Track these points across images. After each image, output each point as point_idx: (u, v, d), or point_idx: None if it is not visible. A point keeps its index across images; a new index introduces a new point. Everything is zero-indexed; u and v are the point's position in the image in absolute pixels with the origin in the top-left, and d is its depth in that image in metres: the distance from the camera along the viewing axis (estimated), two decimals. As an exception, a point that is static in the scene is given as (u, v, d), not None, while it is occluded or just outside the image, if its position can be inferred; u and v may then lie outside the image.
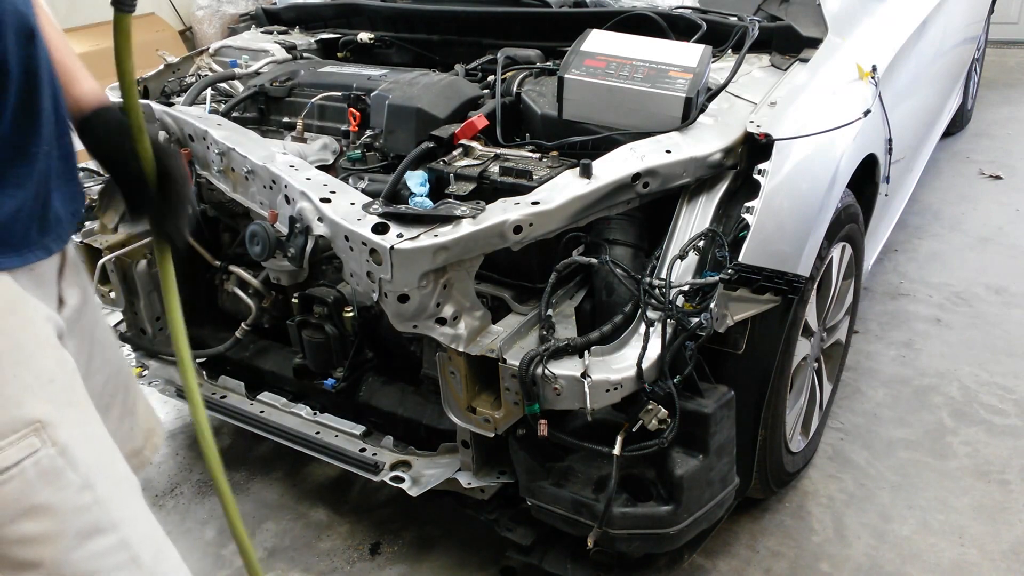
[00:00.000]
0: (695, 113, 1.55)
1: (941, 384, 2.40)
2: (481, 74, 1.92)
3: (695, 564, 1.81)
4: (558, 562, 1.62)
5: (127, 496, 0.86)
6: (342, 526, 2.00)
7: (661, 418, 1.36)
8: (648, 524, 1.43)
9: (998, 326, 2.68)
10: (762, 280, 1.42)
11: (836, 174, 1.64)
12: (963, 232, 3.32)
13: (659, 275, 1.42)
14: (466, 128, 1.60)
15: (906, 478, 2.05)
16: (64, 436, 0.80)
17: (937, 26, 2.62)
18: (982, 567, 1.79)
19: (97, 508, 0.81)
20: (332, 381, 1.78)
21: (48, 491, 0.77)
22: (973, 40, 3.77)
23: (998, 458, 2.10)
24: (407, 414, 1.76)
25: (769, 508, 1.97)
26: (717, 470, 1.46)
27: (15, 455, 0.76)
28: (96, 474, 0.82)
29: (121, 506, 0.85)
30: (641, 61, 1.58)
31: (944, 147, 4.05)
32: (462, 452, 1.60)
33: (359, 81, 1.90)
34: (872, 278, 2.95)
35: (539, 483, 1.49)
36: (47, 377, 0.80)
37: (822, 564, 1.82)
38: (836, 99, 1.76)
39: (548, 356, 1.36)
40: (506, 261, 1.53)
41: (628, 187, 1.42)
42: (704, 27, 1.83)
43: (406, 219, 1.34)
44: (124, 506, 0.85)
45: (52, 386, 0.81)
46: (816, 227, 1.58)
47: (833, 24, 1.86)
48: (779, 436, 1.76)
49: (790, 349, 1.66)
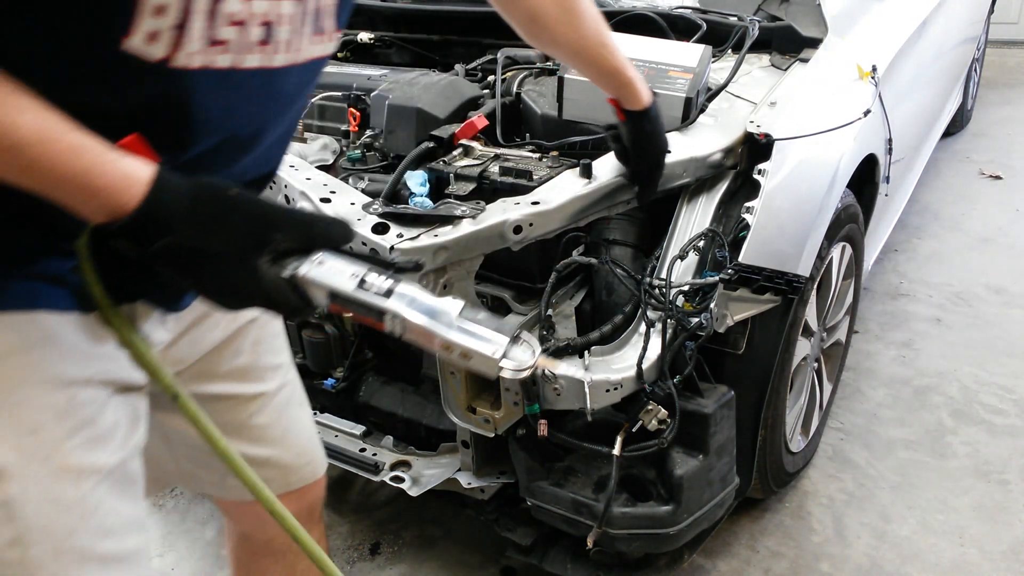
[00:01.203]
0: (695, 113, 1.55)
1: (941, 384, 2.40)
2: (481, 74, 1.92)
3: (695, 564, 1.81)
4: (558, 562, 1.61)
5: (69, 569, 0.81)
6: (342, 526, 2.00)
7: (661, 418, 1.36)
8: (648, 524, 1.43)
9: (998, 326, 2.68)
10: (762, 280, 1.42)
11: (836, 174, 1.64)
12: (963, 232, 3.32)
13: (659, 275, 1.42)
14: (466, 128, 1.60)
15: (906, 478, 2.05)
16: (15, 490, 0.77)
17: (937, 26, 2.62)
18: (982, 567, 1.79)
19: (19, 568, 0.78)
20: (332, 381, 1.78)
21: None
22: (973, 40, 3.77)
23: (998, 458, 2.10)
24: (407, 414, 1.76)
25: (769, 508, 1.97)
26: (717, 470, 1.46)
27: None
28: (35, 536, 0.78)
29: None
30: (641, 61, 1.58)
31: (944, 147, 4.05)
32: (462, 452, 1.60)
33: (359, 81, 1.90)
34: (872, 278, 2.95)
35: (539, 483, 1.49)
36: (28, 428, 0.77)
37: (822, 564, 1.82)
38: (836, 99, 1.76)
39: (548, 356, 1.35)
40: (506, 261, 1.52)
41: (628, 187, 1.42)
42: (704, 27, 1.83)
43: (406, 219, 1.34)
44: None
45: (30, 439, 0.77)
46: (816, 227, 1.58)
47: (833, 24, 1.86)
48: (779, 436, 1.76)
49: (790, 349, 1.66)
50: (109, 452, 0.84)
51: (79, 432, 0.81)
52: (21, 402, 0.77)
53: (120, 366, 0.86)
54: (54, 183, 0.66)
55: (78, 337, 0.81)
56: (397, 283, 0.76)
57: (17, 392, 0.77)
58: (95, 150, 0.67)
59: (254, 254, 0.72)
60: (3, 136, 0.63)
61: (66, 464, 0.80)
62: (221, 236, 0.71)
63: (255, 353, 1.08)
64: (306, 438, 1.19)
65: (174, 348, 0.96)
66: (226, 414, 1.06)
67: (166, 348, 0.94)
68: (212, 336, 1.02)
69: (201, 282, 0.74)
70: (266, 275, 0.73)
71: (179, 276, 0.74)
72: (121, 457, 0.87)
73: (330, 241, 0.77)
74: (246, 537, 1.27)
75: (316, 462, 1.21)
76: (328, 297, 0.75)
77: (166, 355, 0.94)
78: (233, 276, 0.73)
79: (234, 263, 0.72)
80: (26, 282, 0.77)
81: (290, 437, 1.15)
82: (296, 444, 1.16)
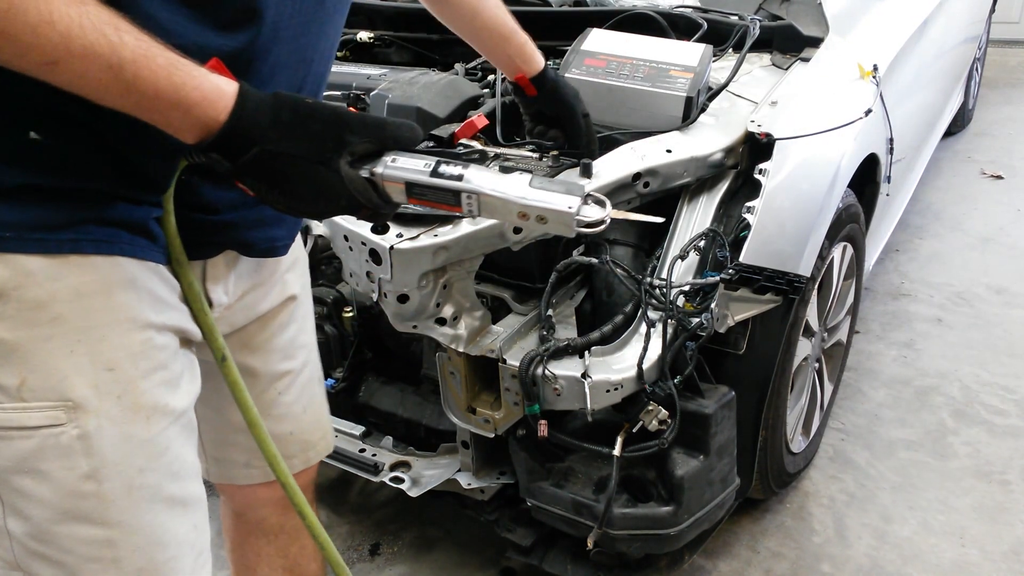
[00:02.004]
0: (696, 112, 1.54)
1: (942, 384, 2.40)
2: (481, 73, 1.92)
3: (696, 565, 1.81)
4: (558, 563, 1.61)
5: (140, 506, 0.86)
6: (342, 527, 2.00)
7: (661, 419, 1.36)
8: (648, 525, 1.42)
9: (999, 326, 2.67)
10: (763, 280, 1.41)
11: (837, 174, 1.64)
12: (964, 232, 3.32)
13: (660, 275, 1.42)
14: (466, 127, 1.59)
15: (907, 478, 2.05)
16: (92, 425, 0.81)
17: (938, 26, 2.62)
18: (983, 567, 1.78)
19: (95, 500, 0.82)
20: (332, 381, 1.77)
21: (54, 464, 0.80)
22: (974, 40, 3.76)
23: (999, 458, 2.10)
24: (407, 414, 1.76)
25: (770, 509, 1.96)
26: (718, 471, 1.46)
27: (38, 420, 0.79)
28: (109, 471, 0.82)
29: (125, 511, 0.84)
30: (642, 60, 1.58)
31: (945, 147, 4.04)
32: (462, 452, 1.60)
33: (359, 80, 1.89)
34: (873, 278, 2.94)
35: (539, 484, 1.49)
36: (105, 365, 0.82)
37: (823, 565, 1.81)
38: (837, 98, 1.76)
39: (548, 356, 1.35)
40: (506, 261, 1.52)
41: (628, 187, 1.42)
42: (705, 26, 1.83)
43: (406, 219, 1.34)
44: (129, 513, 0.85)
45: (107, 375, 0.82)
46: (817, 227, 1.58)
47: (834, 23, 1.86)
48: (780, 436, 1.76)
49: (791, 349, 1.66)
50: (179, 397, 0.90)
51: (154, 373, 0.86)
52: (100, 339, 0.81)
53: (186, 318, 0.91)
54: (152, 98, 0.70)
55: (154, 284, 0.86)
56: (467, 168, 0.82)
57: (96, 330, 0.81)
58: (187, 67, 0.72)
59: (335, 155, 0.78)
60: (109, 55, 0.67)
61: (140, 403, 0.84)
62: (304, 140, 0.77)
63: (293, 331, 1.14)
64: (322, 414, 1.26)
65: (229, 312, 1.02)
66: (257, 394, 1.09)
67: (224, 309, 1.00)
68: (263, 305, 1.08)
69: (290, 188, 0.79)
70: (348, 174, 0.79)
71: (268, 187, 0.79)
72: (188, 403, 0.92)
73: (400, 141, 0.83)
74: (239, 515, 1.30)
75: (328, 437, 1.27)
76: (406, 192, 0.82)
77: (221, 318, 1.00)
78: (318, 178, 0.78)
79: (318, 165, 0.78)
80: (108, 228, 0.81)
81: (310, 413, 1.21)
82: (314, 419, 1.22)
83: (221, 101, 0.74)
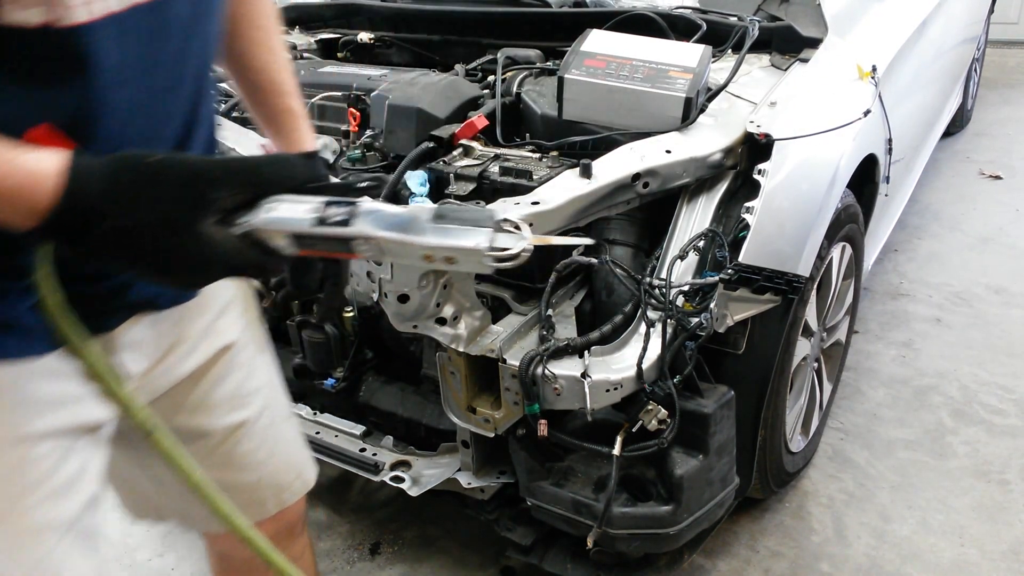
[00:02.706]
0: (695, 113, 1.55)
1: (941, 384, 2.40)
2: (481, 74, 1.92)
3: (695, 564, 1.81)
4: (558, 562, 1.61)
5: None
6: (342, 526, 2.00)
7: (661, 418, 1.36)
8: (648, 524, 1.43)
9: (998, 326, 2.68)
10: (762, 280, 1.42)
11: (836, 174, 1.64)
12: (963, 232, 3.32)
13: (659, 275, 1.42)
14: (466, 128, 1.60)
15: (906, 478, 2.05)
16: None
17: (937, 26, 2.62)
18: (982, 567, 1.79)
19: None
20: (332, 381, 1.78)
21: None
22: (973, 40, 3.77)
23: (998, 458, 2.10)
24: (407, 414, 1.76)
25: (769, 508, 1.97)
26: (717, 470, 1.46)
27: None
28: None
29: None
30: (641, 61, 1.58)
31: (944, 147, 4.05)
32: (462, 452, 1.60)
33: (359, 81, 1.90)
34: (872, 278, 2.95)
35: (539, 483, 1.49)
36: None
37: (822, 564, 1.82)
38: (836, 99, 1.76)
39: (548, 356, 1.36)
40: (506, 261, 1.52)
41: (628, 187, 1.42)
42: (704, 27, 1.83)
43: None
44: None
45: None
46: (816, 227, 1.58)
47: (833, 24, 1.86)
48: (779, 436, 1.76)
49: (790, 349, 1.66)
50: (71, 502, 0.81)
51: (37, 488, 0.77)
52: None
53: (85, 407, 0.81)
54: None
55: (33, 385, 0.76)
56: (359, 206, 0.69)
57: None
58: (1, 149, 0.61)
59: (196, 218, 0.65)
60: None
61: (24, 524, 0.77)
62: (152, 208, 0.64)
63: (236, 380, 1.02)
64: (293, 453, 1.15)
65: (148, 377, 0.91)
66: (211, 449, 1.02)
67: (141, 377, 0.89)
68: (187, 364, 0.95)
69: (152, 264, 0.67)
70: (216, 238, 0.66)
71: (129, 264, 0.68)
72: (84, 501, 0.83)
73: (279, 183, 0.70)
74: (225, 557, 1.26)
75: (305, 474, 1.18)
76: (293, 243, 0.69)
77: (140, 385, 0.89)
78: (181, 248, 0.66)
79: (177, 233, 0.65)
80: None
81: (277, 456, 1.11)
82: (284, 461, 1.13)
83: (44, 183, 0.62)
